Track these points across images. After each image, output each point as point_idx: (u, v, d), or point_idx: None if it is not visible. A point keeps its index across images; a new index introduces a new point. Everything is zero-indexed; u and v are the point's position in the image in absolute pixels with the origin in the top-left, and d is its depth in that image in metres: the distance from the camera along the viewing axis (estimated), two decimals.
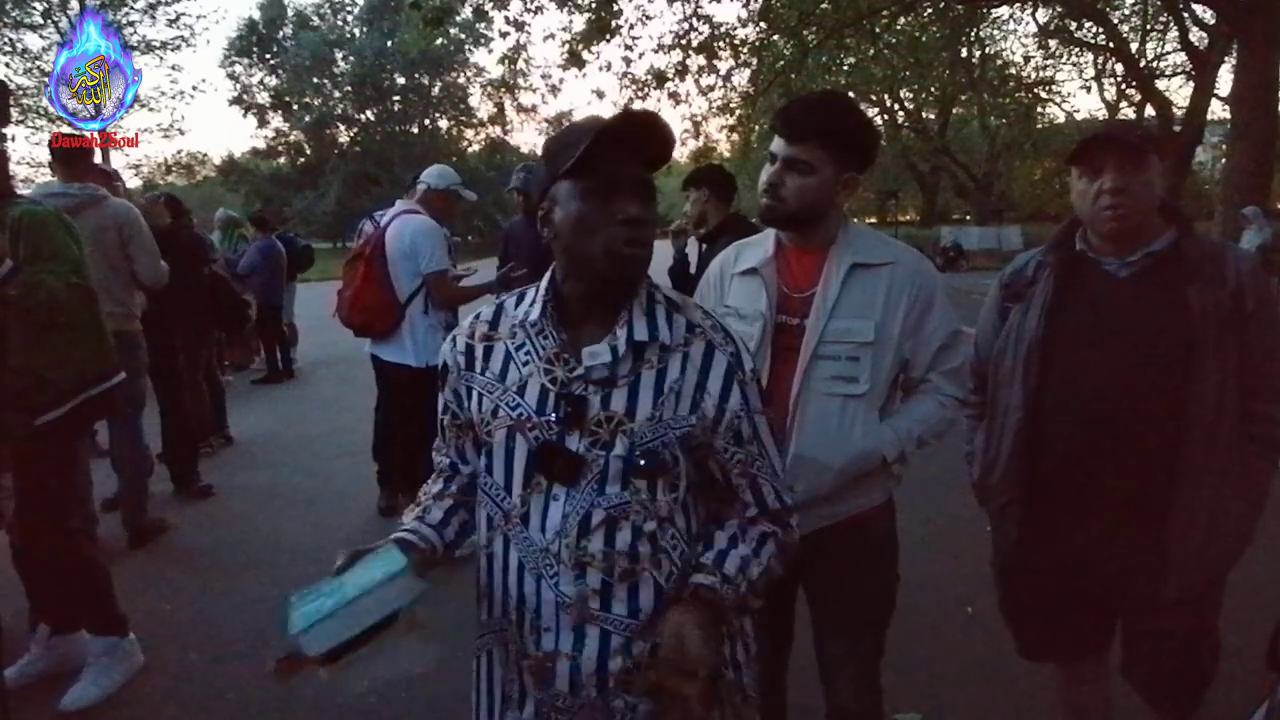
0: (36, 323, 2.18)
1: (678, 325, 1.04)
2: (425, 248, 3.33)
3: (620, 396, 1.00)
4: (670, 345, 1.02)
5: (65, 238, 2.31)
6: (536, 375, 1.03)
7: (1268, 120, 8.35)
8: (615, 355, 1.00)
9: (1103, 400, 1.49)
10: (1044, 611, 1.71)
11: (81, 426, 2.46)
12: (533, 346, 1.05)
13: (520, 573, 1.03)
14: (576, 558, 1.00)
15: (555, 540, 1.00)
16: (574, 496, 1.00)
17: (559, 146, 1.02)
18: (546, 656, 1.03)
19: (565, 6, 10.64)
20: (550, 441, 1.01)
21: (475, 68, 39.21)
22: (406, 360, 3.33)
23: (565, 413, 1.00)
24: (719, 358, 1.04)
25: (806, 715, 1.88)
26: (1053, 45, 19.41)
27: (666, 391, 1.01)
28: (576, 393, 1.01)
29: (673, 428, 1.00)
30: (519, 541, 1.03)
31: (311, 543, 3.69)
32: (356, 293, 3.41)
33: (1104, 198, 1.46)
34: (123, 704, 2.42)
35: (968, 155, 25.04)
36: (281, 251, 7.55)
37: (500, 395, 1.05)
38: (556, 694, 1.03)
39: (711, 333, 1.05)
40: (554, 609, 1.01)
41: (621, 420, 0.99)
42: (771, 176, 1.47)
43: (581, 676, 1.01)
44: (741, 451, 1.05)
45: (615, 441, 0.99)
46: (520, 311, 1.08)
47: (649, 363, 1.01)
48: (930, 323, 1.50)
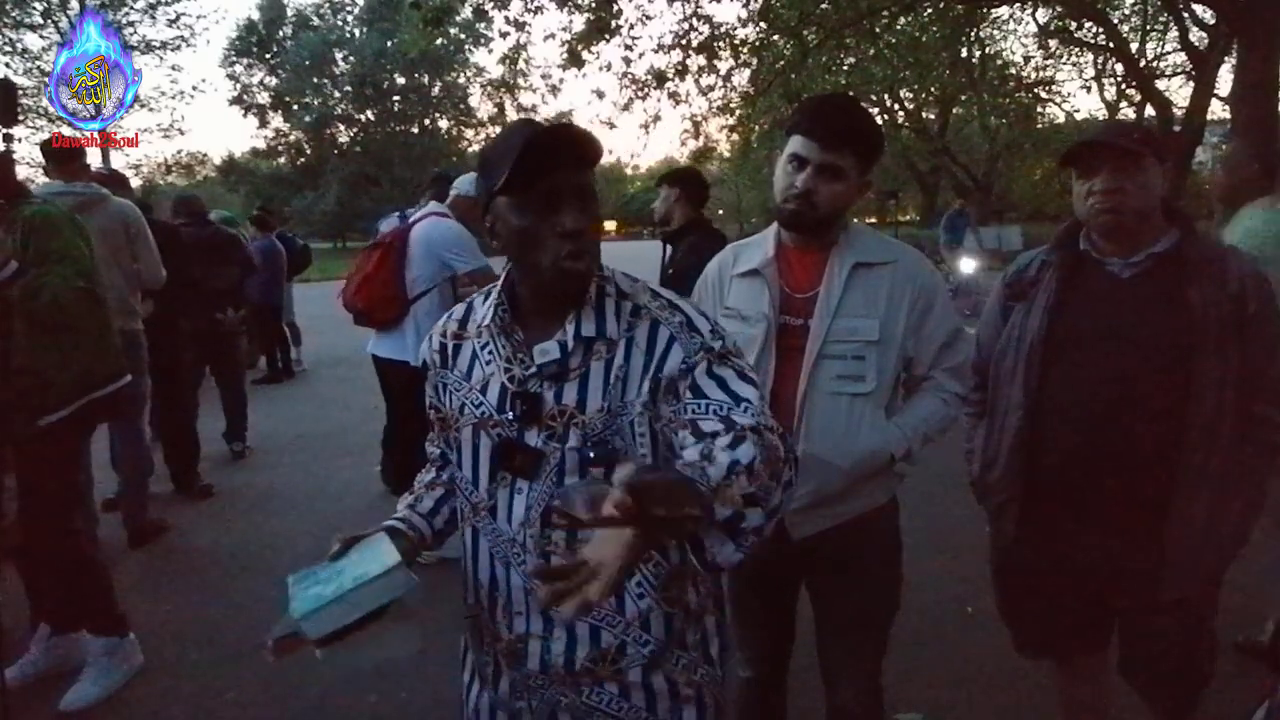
0: (40, 324, 2.18)
1: (624, 314, 1.05)
2: (462, 250, 3.41)
3: (571, 390, 1.03)
4: (617, 337, 1.04)
5: (75, 239, 2.31)
6: (498, 374, 1.07)
7: (1268, 120, 8.34)
8: (564, 351, 1.03)
9: (1103, 400, 1.49)
10: (1041, 609, 1.72)
11: (85, 428, 2.46)
12: (495, 346, 1.08)
13: (490, 560, 1.08)
14: (541, 546, 1.03)
15: (520, 530, 1.04)
16: (535, 488, 1.03)
17: (492, 159, 1.01)
18: (518, 639, 1.08)
19: (565, 6, 10.61)
20: (510, 438, 1.05)
21: (475, 68, 39.27)
22: (405, 357, 3.34)
23: (522, 410, 1.04)
24: (662, 332, 1.03)
25: (806, 715, 1.88)
26: (1053, 45, 19.40)
27: (613, 380, 1.02)
28: (531, 390, 1.04)
29: (623, 415, 1.02)
30: (488, 532, 1.08)
31: (311, 543, 3.69)
32: (366, 277, 3.44)
33: (1095, 197, 1.48)
34: (123, 704, 2.42)
35: (968, 155, 25.02)
36: (281, 251, 7.55)
37: (466, 393, 1.10)
38: (529, 674, 1.08)
39: (658, 311, 1.05)
40: (523, 594, 1.06)
41: (573, 413, 1.02)
42: (805, 183, 1.44)
43: (551, 658, 1.06)
44: (679, 406, 0.97)
45: (569, 434, 1.02)
46: (481, 313, 1.12)
47: (598, 354, 1.03)
48: (932, 321, 1.51)
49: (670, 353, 1.02)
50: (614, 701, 1.06)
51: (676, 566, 1.07)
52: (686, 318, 1.05)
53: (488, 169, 1.03)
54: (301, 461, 5.06)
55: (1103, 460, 1.50)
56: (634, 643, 1.06)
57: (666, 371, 1.01)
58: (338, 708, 2.38)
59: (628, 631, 1.05)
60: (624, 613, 1.05)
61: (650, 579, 1.05)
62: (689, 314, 1.06)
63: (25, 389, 2.18)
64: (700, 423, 0.93)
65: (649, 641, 1.06)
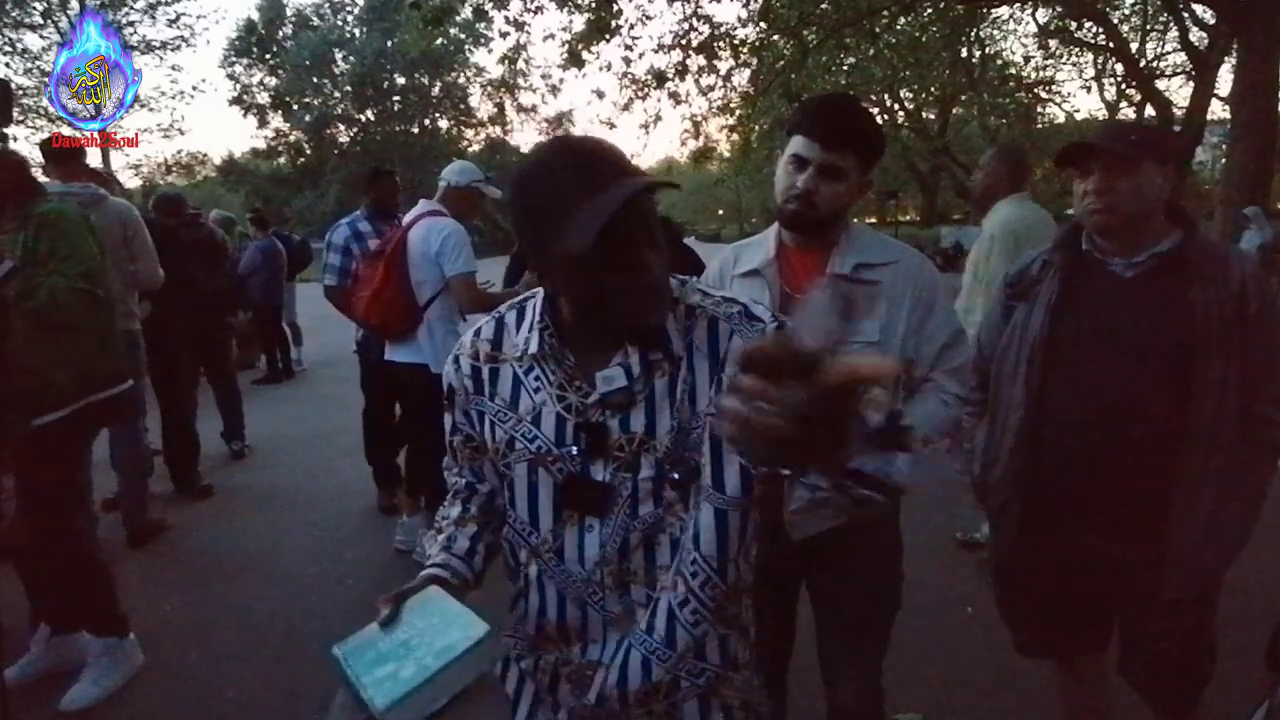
0: (38, 323, 2.18)
1: (679, 320, 0.98)
2: (450, 250, 3.23)
3: (639, 416, 0.95)
4: (680, 352, 0.96)
5: (85, 240, 2.31)
6: (550, 403, 0.98)
7: (1268, 120, 8.34)
8: (630, 376, 0.94)
9: (1105, 400, 1.49)
10: (1041, 609, 1.71)
11: (87, 430, 2.46)
12: (541, 372, 0.99)
13: (560, 600, 1.01)
14: (620, 579, 0.98)
15: (597, 570, 0.98)
16: (608, 524, 0.96)
17: (545, 210, 0.87)
18: (588, 665, 1.01)
19: (565, 6, 10.61)
20: (576, 474, 0.96)
21: (475, 68, 39.26)
22: (424, 361, 3.29)
23: (587, 443, 0.96)
24: (723, 328, 0.97)
25: (806, 715, 1.88)
26: (1053, 45, 19.41)
27: (680, 395, 0.95)
28: (594, 420, 0.96)
29: (695, 428, 0.95)
30: (555, 574, 1.00)
31: (311, 543, 3.69)
32: (375, 292, 3.36)
33: (1089, 197, 1.49)
34: (123, 704, 2.42)
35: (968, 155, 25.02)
36: (282, 251, 7.54)
37: (514, 426, 1.00)
38: (586, 705, 1.02)
39: (713, 307, 0.99)
40: (600, 625, 1.00)
41: (644, 440, 0.95)
42: (806, 183, 1.43)
43: (607, 688, 1.00)
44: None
45: (640, 463, 0.95)
46: (521, 339, 1.01)
47: (660, 371, 0.96)
48: (932, 321, 1.50)
49: (733, 347, 0.96)
50: None
51: (732, 584, 1.00)
52: (743, 307, 0.99)
53: (540, 222, 0.88)
54: (301, 461, 5.05)
55: (1103, 460, 1.50)
56: (687, 675, 0.99)
57: (729, 371, 0.94)
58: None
59: (680, 665, 0.99)
60: (675, 646, 0.97)
61: (707, 602, 0.97)
62: (744, 304, 1.00)
63: (25, 388, 2.18)
64: None
65: (704, 671, 1.00)
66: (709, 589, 0.97)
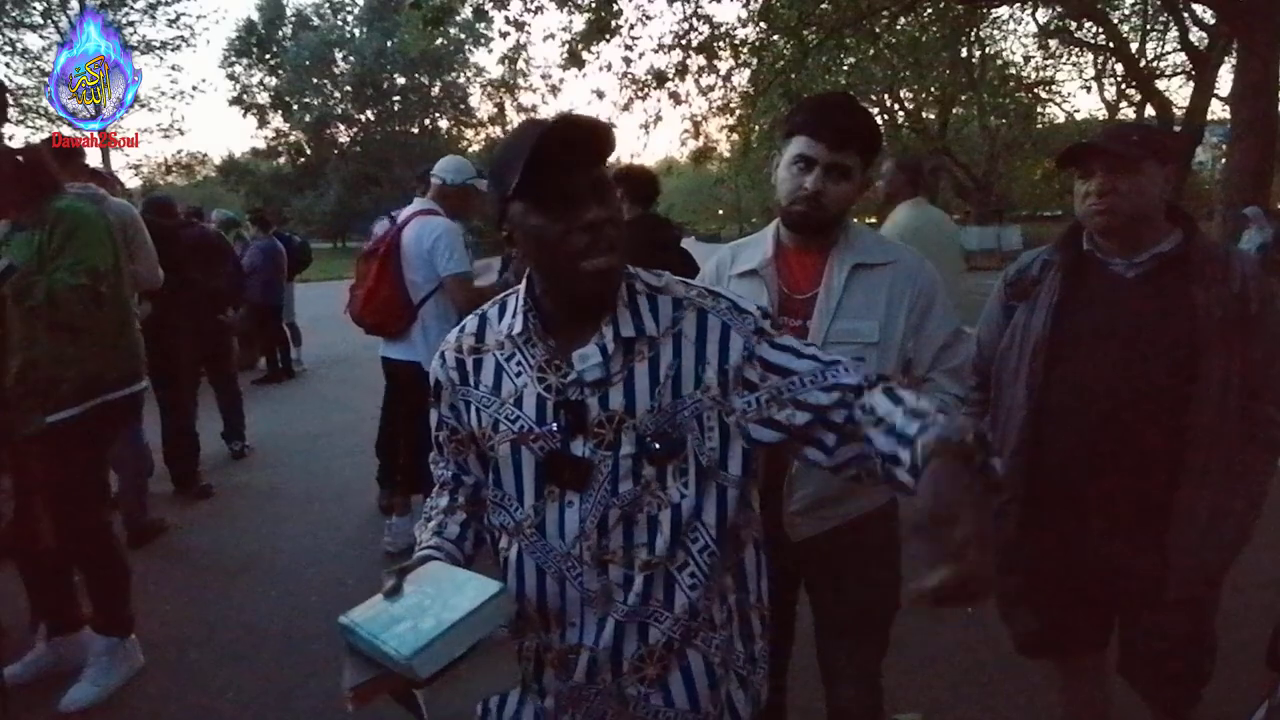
0: (40, 322, 2.18)
1: (663, 310, 1.02)
2: (442, 249, 3.23)
3: (617, 394, 0.99)
4: (658, 335, 1.00)
5: (97, 239, 2.30)
6: (531, 385, 1.02)
7: (1268, 120, 8.34)
8: (605, 354, 0.99)
9: (1106, 399, 1.49)
10: (1041, 608, 1.71)
11: (101, 429, 2.44)
12: (522, 356, 1.04)
13: (539, 577, 1.04)
14: (598, 556, 1.00)
15: (576, 544, 1.01)
16: (588, 499, 1.00)
17: (502, 164, 0.97)
18: (570, 649, 1.04)
19: (565, 6, 10.61)
20: (556, 450, 1.00)
21: (475, 68, 39.33)
22: (416, 358, 3.29)
23: (566, 420, 1.00)
24: (712, 320, 1.01)
25: (806, 715, 1.87)
26: (1053, 45, 19.42)
27: (663, 380, 0.99)
28: (573, 398, 1.00)
29: (678, 410, 0.99)
30: (535, 550, 1.04)
31: (311, 543, 3.69)
32: (370, 291, 3.36)
33: (1090, 198, 1.49)
34: (123, 704, 2.42)
35: (968, 155, 25.02)
36: (282, 251, 7.54)
37: (498, 409, 1.04)
38: (575, 685, 1.04)
39: (700, 300, 1.03)
40: (579, 607, 1.03)
41: (623, 418, 0.98)
42: (814, 184, 1.43)
43: (597, 664, 1.03)
44: (762, 391, 0.99)
45: (621, 440, 0.99)
46: (504, 325, 1.06)
47: (640, 355, 1.00)
48: (932, 322, 1.50)
49: (730, 342, 1.00)
50: (660, 714, 1.04)
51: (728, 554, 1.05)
52: (731, 301, 1.04)
53: (499, 174, 0.98)
54: (301, 461, 5.05)
55: (1105, 460, 1.50)
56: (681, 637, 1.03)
57: (733, 362, 0.99)
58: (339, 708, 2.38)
59: (675, 627, 1.02)
60: (673, 607, 1.01)
61: (704, 568, 1.02)
62: (731, 297, 1.04)
63: (33, 385, 2.18)
64: (806, 396, 0.95)
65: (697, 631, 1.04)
66: (706, 555, 1.02)
